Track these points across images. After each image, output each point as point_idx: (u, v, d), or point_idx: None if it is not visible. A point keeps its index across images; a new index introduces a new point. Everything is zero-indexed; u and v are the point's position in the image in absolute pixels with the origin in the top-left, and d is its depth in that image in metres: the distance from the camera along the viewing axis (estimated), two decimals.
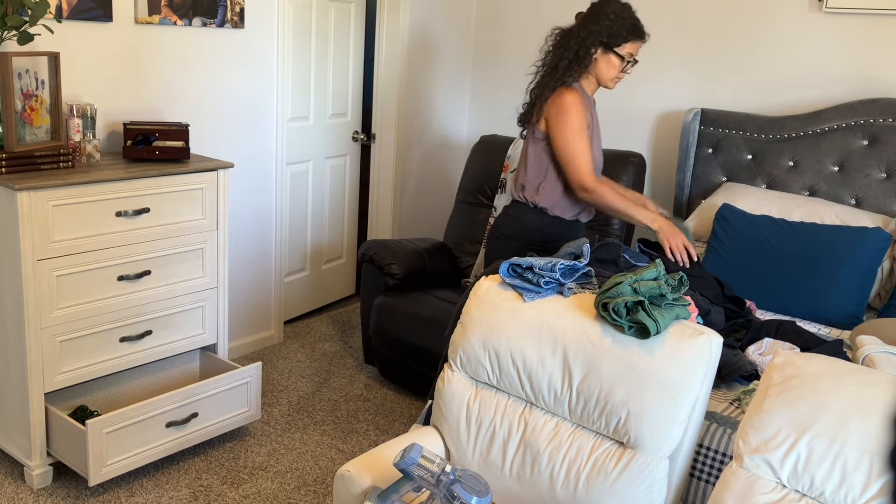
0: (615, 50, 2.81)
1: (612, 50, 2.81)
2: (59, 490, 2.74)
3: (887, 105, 3.36)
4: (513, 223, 2.97)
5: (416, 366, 3.45)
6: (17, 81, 2.63)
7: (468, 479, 1.68)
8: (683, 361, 1.83)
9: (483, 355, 2.07)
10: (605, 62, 2.84)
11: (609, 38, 2.80)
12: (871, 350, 2.36)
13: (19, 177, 2.54)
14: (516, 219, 2.97)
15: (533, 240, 2.90)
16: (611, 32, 2.80)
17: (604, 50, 2.82)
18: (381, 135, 4.46)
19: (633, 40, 2.82)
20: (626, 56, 2.83)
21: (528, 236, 2.91)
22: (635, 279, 1.93)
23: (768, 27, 3.72)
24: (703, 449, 2.13)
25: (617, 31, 2.79)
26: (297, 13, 3.92)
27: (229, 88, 3.52)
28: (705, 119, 3.81)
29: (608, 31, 2.80)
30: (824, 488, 1.61)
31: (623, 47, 2.82)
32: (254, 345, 3.96)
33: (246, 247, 3.80)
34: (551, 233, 2.92)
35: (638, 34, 2.83)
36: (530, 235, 2.92)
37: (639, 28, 2.83)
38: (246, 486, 2.85)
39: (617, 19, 2.79)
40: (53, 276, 2.60)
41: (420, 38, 4.43)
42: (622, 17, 2.80)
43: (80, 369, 2.74)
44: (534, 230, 2.92)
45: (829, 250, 3.08)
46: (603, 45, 2.81)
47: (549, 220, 2.92)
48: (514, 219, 2.98)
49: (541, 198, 2.91)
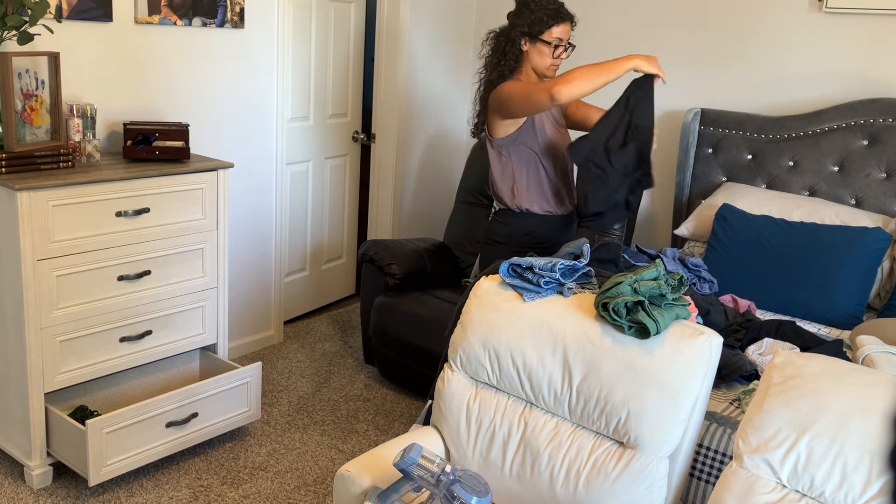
0: (541, 38, 2.80)
1: (538, 39, 2.81)
2: (59, 490, 2.74)
3: (887, 105, 3.36)
4: (502, 229, 2.98)
5: (416, 366, 3.45)
6: (17, 81, 2.63)
7: (468, 479, 1.68)
8: (683, 361, 1.83)
9: (483, 355, 2.07)
10: (536, 52, 2.84)
11: (531, 27, 2.80)
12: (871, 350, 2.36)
13: (19, 177, 2.54)
14: (505, 224, 2.98)
15: (524, 243, 2.89)
16: (531, 21, 2.80)
17: (530, 40, 2.82)
18: (381, 135, 4.46)
19: (558, 23, 2.80)
20: (554, 41, 2.82)
21: (519, 240, 2.91)
22: (635, 279, 1.93)
23: (768, 27, 3.72)
24: (703, 449, 2.13)
25: (538, 19, 2.79)
26: (297, 13, 3.92)
27: (229, 88, 3.52)
28: (705, 119, 3.81)
29: (529, 20, 2.80)
30: (824, 488, 1.61)
31: (549, 33, 2.80)
32: (254, 345, 3.96)
33: (246, 247, 3.80)
34: (542, 233, 2.91)
35: (560, 17, 2.81)
36: (521, 239, 2.91)
37: (561, 11, 2.81)
38: (246, 486, 2.85)
39: (538, 8, 2.79)
40: (53, 276, 2.60)
41: (420, 37, 4.43)
42: (542, 5, 2.80)
43: (80, 369, 2.74)
44: (524, 233, 2.92)
45: (829, 250, 3.08)
46: (528, 35, 2.81)
47: (538, 219, 2.91)
48: (502, 225, 2.99)
49: (520, 199, 2.91)
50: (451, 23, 4.61)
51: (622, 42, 4.13)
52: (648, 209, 4.21)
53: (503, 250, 2.91)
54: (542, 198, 2.91)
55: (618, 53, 4.18)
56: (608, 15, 4.19)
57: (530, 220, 2.91)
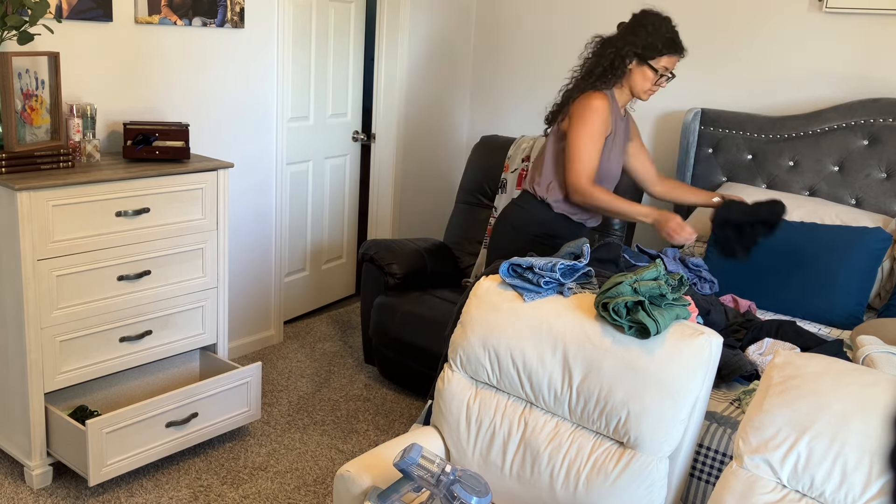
0: (650, 63, 2.82)
1: (646, 62, 2.82)
2: (59, 490, 2.74)
3: (887, 105, 3.36)
4: (520, 214, 3.00)
5: (416, 366, 3.45)
6: (17, 81, 2.63)
7: (468, 479, 1.68)
8: (683, 361, 1.83)
9: (483, 355, 2.07)
10: (640, 74, 2.85)
11: (644, 51, 2.81)
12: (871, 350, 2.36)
13: (19, 177, 2.54)
14: (524, 210, 3.00)
15: (537, 232, 2.93)
16: (647, 45, 2.80)
17: (639, 62, 2.83)
18: (381, 135, 4.46)
19: (669, 54, 2.83)
20: (661, 69, 2.84)
21: (533, 229, 2.95)
22: (635, 279, 1.93)
23: (768, 27, 3.72)
24: (703, 449, 2.13)
25: (652, 44, 2.80)
26: (297, 13, 3.92)
27: (229, 88, 3.52)
28: (705, 119, 3.81)
29: (644, 43, 2.80)
30: (824, 488, 1.61)
31: (658, 61, 2.82)
32: (254, 345, 3.96)
33: (246, 247, 3.80)
34: (555, 228, 2.95)
35: (675, 49, 2.83)
36: (535, 228, 2.95)
37: (676, 42, 2.83)
38: (246, 486, 2.85)
39: (654, 32, 2.80)
40: (53, 276, 2.60)
41: (420, 37, 4.43)
42: (660, 31, 2.81)
43: (80, 369, 2.74)
44: (538, 223, 2.95)
45: (829, 250, 3.08)
46: (638, 56, 2.82)
47: (553, 216, 2.95)
48: (521, 210, 3.01)
49: (550, 195, 2.94)
50: (451, 23, 4.61)
51: None
52: None
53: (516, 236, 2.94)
54: (570, 206, 2.93)
55: None
56: (608, 15, 4.18)
57: (549, 214, 2.95)
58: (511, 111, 4.65)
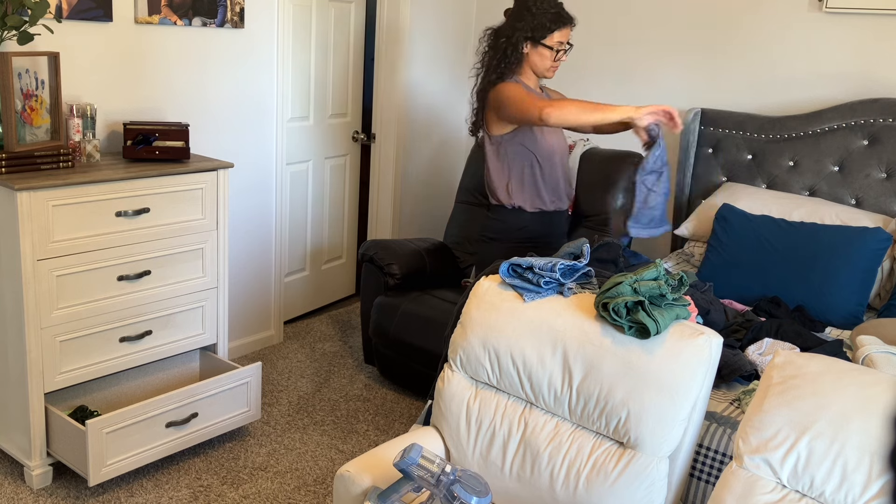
0: (543, 42, 2.83)
1: (540, 43, 2.84)
2: (59, 490, 2.74)
3: (887, 105, 3.36)
4: (496, 225, 3.01)
5: (416, 366, 3.45)
6: (17, 81, 2.63)
7: (468, 479, 1.68)
8: (683, 361, 1.83)
9: (483, 355, 2.07)
10: (537, 55, 2.87)
11: (534, 32, 2.83)
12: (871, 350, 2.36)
13: (19, 177, 2.54)
14: (499, 221, 3.01)
15: (517, 238, 2.93)
16: (534, 26, 2.82)
17: (532, 44, 2.84)
18: (381, 135, 4.46)
19: (560, 28, 2.83)
20: (556, 45, 2.85)
21: (512, 235, 2.95)
22: (635, 279, 1.93)
23: (768, 27, 3.72)
24: (703, 449, 2.13)
25: (540, 24, 2.81)
26: (297, 13, 3.92)
27: (229, 88, 3.52)
28: (705, 119, 3.81)
29: (531, 25, 2.82)
30: (824, 488, 1.61)
31: (551, 38, 2.83)
32: (254, 345, 3.96)
33: (246, 247, 3.80)
34: (535, 229, 2.94)
35: (562, 21, 2.83)
36: (514, 235, 2.95)
37: (562, 15, 2.84)
38: (246, 486, 2.85)
39: (538, 12, 2.81)
40: (53, 276, 2.60)
41: (420, 38, 4.43)
42: (543, 9, 2.81)
43: (80, 369, 2.74)
44: (516, 230, 2.96)
45: (829, 250, 3.08)
46: (530, 39, 2.84)
47: (529, 216, 2.95)
48: (496, 221, 3.02)
49: (514, 197, 2.94)
50: (451, 23, 4.61)
51: (623, 42, 4.14)
52: None
53: (497, 247, 2.93)
54: (536, 195, 2.94)
55: (618, 53, 4.19)
56: (609, 15, 4.19)
57: (523, 216, 2.95)
58: None
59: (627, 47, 4.13)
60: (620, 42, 4.14)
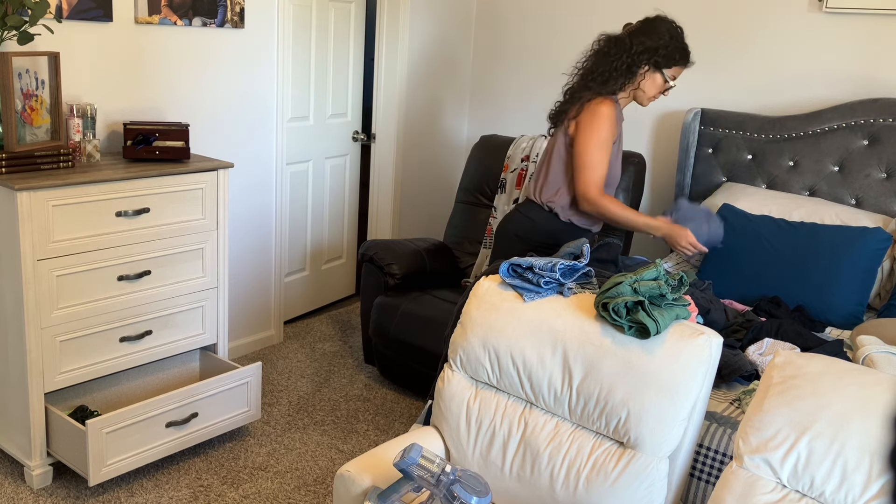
0: (663, 71, 2.81)
1: (660, 70, 2.81)
2: (59, 490, 2.74)
3: (887, 105, 3.36)
4: (524, 223, 2.94)
5: (416, 366, 3.45)
6: (17, 81, 2.63)
7: (468, 479, 1.68)
8: (683, 361, 1.83)
9: (483, 355, 2.07)
10: (651, 81, 2.84)
11: (662, 59, 2.80)
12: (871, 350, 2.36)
13: (19, 177, 2.54)
14: (528, 219, 2.94)
15: (542, 242, 2.88)
16: (666, 53, 2.79)
17: (653, 69, 2.81)
18: (381, 135, 4.46)
19: (683, 65, 2.85)
20: (671, 80, 2.85)
21: (538, 238, 2.89)
22: (635, 279, 1.93)
23: (768, 27, 3.72)
24: (703, 449, 2.14)
25: (671, 53, 2.80)
26: (297, 13, 3.92)
27: (229, 88, 3.52)
28: (705, 119, 3.81)
29: (664, 51, 2.79)
30: (824, 488, 1.61)
31: (672, 70, 2.83)
32: (254, 345, 3.96)
33: (246, 247, 3.80)
34: (561, 238, 2.90)
35: (687, 59, 2.85)
36: (540, 238, 2.89)
37: (688, 53, 2.85)
38: (246, 486, 2.85)
39: (672, 41, 2.79)
40: (53, 276, 2.60)
41: (420, 37, 4.43)
42: (676, 40, 2.81)
43: (80, 369, 2.74)
44: (544, 233, 2.90)
45: (829, 250, 3.08)
46: (654, 63, 2.80)
47: (560, 225, 2.89)
48: (526, 219, 2.95)
49: (557, 202, 2.89)
50: (451, 23, 4.61)
51: None
52: (648, 209, 4.22)
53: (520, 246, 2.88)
54: (577, 212, 2.90)
55: None
56: (609, 15, 4.19)
57: (555, 223, 2.90)
58: (511, 111, 4.65)
59: None
60: None
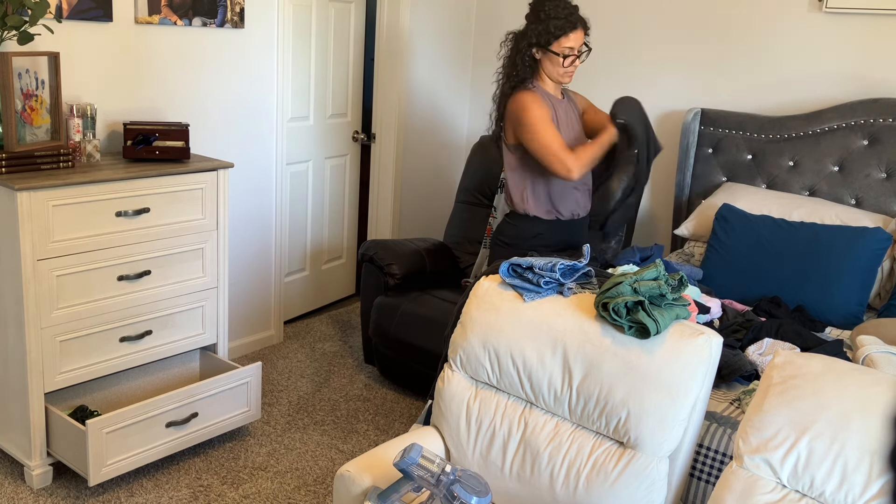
0: (550, 49, 2.79)
1: (548, 49, 2.79)
2: (59, 490, 2.74)
3: (887, 105, 3.36)
4: (512, 231, 3.00)
5: (416, 366, 3.45)
6: (17, 81, 2.63)
7: (468, 479, 1.68)
8: (683, 361, 1.83)
9: (483, 355, 2.07)
10: (548, 61, 2.83)
11: (539, 38, 2.78)
12: (872, 350, 2.36)
13: (19, 177, 2.54)
14: (515, 226, 3.00)
15: (533, 245, 2.91)
16: (539, 31, 2.77)
17: (542, 50, 2.81)
18: (381, 135, 4.46)
19: (566, 33, 2.77)
20: (565, 51, 2.79)
21: (528, 243, 2.93)
22: (635, 279, 1.93)
23: (768, 27, 3.72)
24: (703, 449, 2.14)
25: (545, 30, 2.76)
26: (297, 13, 3.92)
27: (229, 88, 3.52)
28: (705, 119, 3.81)
29: (536, 31, 2.78)
30: (824, 488, 1.61)
31: (558, 43, 2.77)
32: (254, 345, 3.96)
33: (246, 247, 3.80)
34: (551, 236, 2.92)
35: (569, 26, 2.76)
36: (530, 242, 2.93)
37: (571, 20, 2.76)
38: (246, 486, 2.85)
39: (546, 18, 2.76)
40: (53, 276, 2.60)
41: (420, 38, 4.43)
42: (551, 14, 2.76)
43: (80, 369, 2.74)
44: (531, 237, 2.94)
45: (829, 250, 3.08)
46: (537, 45, 2.80)
47: (546, 224, 2.93)
48: (512, 226, 3.01)
49: (529, 206, 2.93)
50: (451, 22, 4.61)
51: (623, 42, 4.14)
52: (648, 209, 4.21)
53: (513, 252, 2.91)
54: (551, 205, 2.92)
55: (618, 54, 4.19)
56: (609, 16, 4.19)
57: (539, 223, 2.93)
58: None
59: (627, 47, 4.13)
60: (621, 42, 4.14)
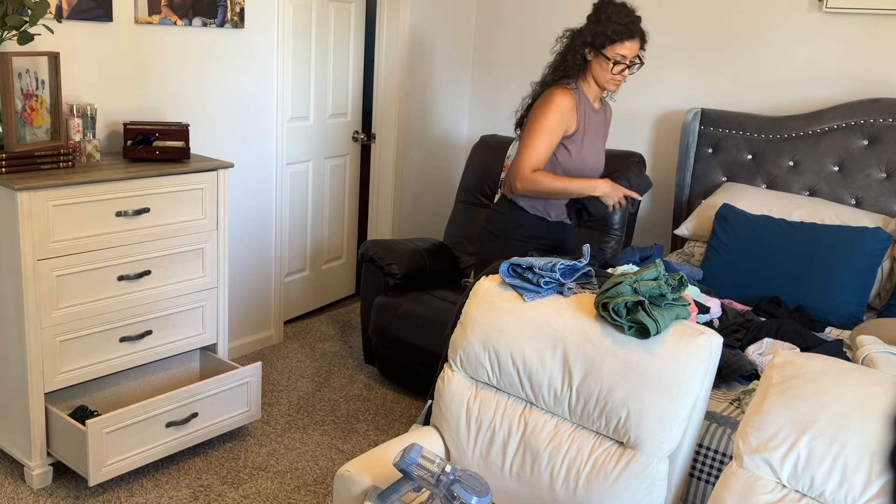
0: (603, 52, 2.77)
1: (600, 52, 2.78)
2: (59, 490, 2.74)
3: (887, 105, 3.36)
4: (498, 220, 2.98)
5: (416, 366, 3.45)
6: (17, 81, 2.63)
7: (468, 479, 1.68)
8: (683, 361, 1.83)
9: (483, 355, 2.07)
10: (598, 65, 2.81)
11: (594, 39, 2.77)
12: (871, 350, 2.36)
13: (19, 177, 2.54)
14: (502, 215, 2.97)
15: (518, 236, 2.90)
16: (596, 33, 2.76)
17: (595, 51, 2.79)
18: (381, 135, 4.46)
19: (622, 41, 2.74)
20: (617, 58, 2.76)
21: (513, 233, 2.92)
22: (635, 279, 1.93)
23: (768, 27, 3.72)
24: (703, 449, 2.14)
25: (602, 32, 2.75)
26: (297, 13, 3.92)
27: (229, 88, 3.52)
28: (705, 119, 3.81)
29: (593, 31, 2.77)
30: (824, 488, 1.61)
31: (611, 49, 2.75)
32: (254, 345, 3.96)
33: (246, 247, 3.80)
34: (535, 230, 2.92)
35: (626, 35, 2.74)
36: (514, 232, 2.92)
37: (630, 28, 2.74)
38: (246, 486, 2.85)
39: (607, 20, 2.75)
40: (53, 276, 2.60)
41: (420, 38, 4.43)
42: (612, 18, 2.75)
43: (80, 369, 2.74)
44: (518, 226, 2.92)
45: (829, 250, 3.08)
46: (591, 46, 2.78)
47: (531, 218, 2.91)
48: (500, 215, 2.98)
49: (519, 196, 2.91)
50: (451, 22, 4.61)
51: None
52: (648, 209, 4.22)
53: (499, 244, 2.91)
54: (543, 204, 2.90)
55: None
56: None
57: (526, 217, 2.92)
58: (511, 111, 4.64)
59: None
60: None
